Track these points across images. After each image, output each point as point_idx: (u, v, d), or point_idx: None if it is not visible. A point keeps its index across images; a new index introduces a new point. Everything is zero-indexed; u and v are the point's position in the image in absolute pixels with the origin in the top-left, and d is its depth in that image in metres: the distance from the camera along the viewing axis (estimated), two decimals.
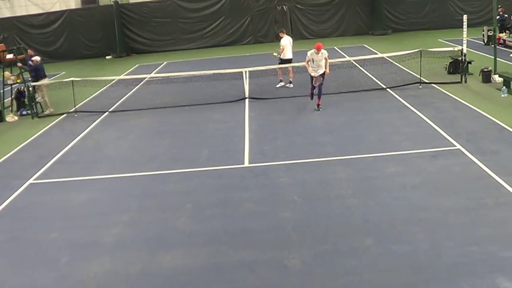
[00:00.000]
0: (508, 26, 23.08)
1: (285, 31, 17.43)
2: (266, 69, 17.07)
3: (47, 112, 16.32)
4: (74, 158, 11.75)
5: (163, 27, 30.47)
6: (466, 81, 15.71)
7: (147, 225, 8.05)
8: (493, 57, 16.17)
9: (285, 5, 30.54)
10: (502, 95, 14.00)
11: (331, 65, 14.78)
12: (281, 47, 16.71)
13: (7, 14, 30.44)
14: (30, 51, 18.65)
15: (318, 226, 7.55)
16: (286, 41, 16.80)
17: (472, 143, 10.39)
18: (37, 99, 16.39)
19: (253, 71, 17.32)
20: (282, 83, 17.19)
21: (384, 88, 15.85)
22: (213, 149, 11.51)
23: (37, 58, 16.75)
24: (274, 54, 17.21)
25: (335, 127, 12.43)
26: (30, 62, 16.71)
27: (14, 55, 16.80)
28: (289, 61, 16.73)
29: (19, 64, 16.57)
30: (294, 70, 17.02)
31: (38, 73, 16.45)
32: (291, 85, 16.97)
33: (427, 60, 16.44)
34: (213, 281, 6.40)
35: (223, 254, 7.00)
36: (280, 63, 16.81)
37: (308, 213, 7.98)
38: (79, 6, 30.96)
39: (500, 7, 23.96)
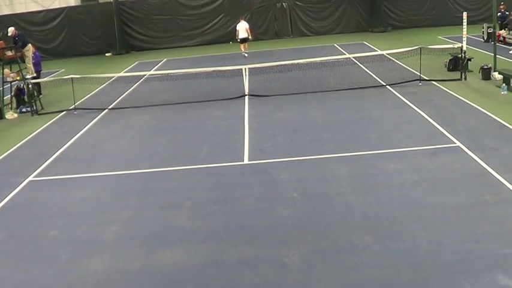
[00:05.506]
0: (505, 23, 23.03)
1: (243, 18, 25.50)
2: (266, 67, 17.08)
3: (29, 76, 16.83)
4: (74, 155, 11.74)
5: (163, 24, 30.44)
6: (465, 79, 15.70)
7: (146, 222, 8.05)
8: (492, 54, 16.16)
9: (285, 2, 30.52)
10: (502, 92, 14.00)
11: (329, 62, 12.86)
12: (237, 31, 24.20)
13: (7, 11, 30.41)
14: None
15: (317, 223, 7.55)
16: (238, 26, 24.07)
17: (472, 140, 10.38)
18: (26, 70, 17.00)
19: (253, 68, 17.34)
20: (244, 54, 23.66)
21: (383, 85, 15.85)
22: (212, 146, 11.51)
23: (11, 28, 17.22)
24: (230, 42, 26.07)
25: (335, 124, 12.43)
26: (16, 39, 17.09)
27: (14, 52, 16.79)
28: (244, 40, 23.83)
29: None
30: (294, 68, 17.86)
31: (23, 41, 17.13)
32: (246, 55, 23.57)
33: (427, 58, 16.44)
34: (212, 278, 6.40)
35: (223, 251, 7.00)
36: (240, 43, 24.18)
37: (308, 211, 7.98)
38: (79, 3, 30.95)
39: (502, 4, 23.97)
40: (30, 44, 17.64)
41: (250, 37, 24.04)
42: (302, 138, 11.49)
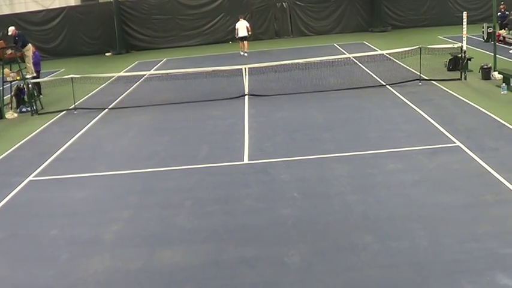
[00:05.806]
0: (505, 22, 23.03)
1: (242, 16, 25.63)
2: (266, 66, 17.08)
3: (29, 76, 16.85)
4: (74, 155, 11.74)
5: (163, 24, 30.46)
6: (465, 78, 15.70)
7: (147, 222, 8.05)
8: (492, 54, 16.17)
9: (285, 2, 30.52)
10: (502, 92, 14.00)
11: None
12: (236, 29, 24.39)
13: (7, 11, 30.42)
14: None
15: (317, 223, 7.55)
16: (238, 24, 24.27)
17: (472, 140, 10.38)
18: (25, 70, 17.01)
19: (253, 67, 17.34)
20: (243, 53, 24.08)
21: (383, 85, 15.85)
22: (212, 145, 11.51)
23: (11, 28, 17.18)
24: (230, 42, 27.07)
25: (335, 124, 12.43)
26: (16, 38, 17.09)
27: (14, 51, 16.80)
28: (244, 38, 24.07)
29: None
30: (293, 68, 17.89)
31: (23, 41, 17.17)
32: (246, 54, 23.85)
33: (427, 57, 16.44)
34: (212, 278, 6.40)
35: (223, 251, 7.00)
36: (239, 41, 24.59)
37: (308, 210, 7.98)
38: (78, 3, 30.97)
39: (502, 4, 23.97)
40: (30, 44, 17.65)
41: (250, 33, 24.13)
42: (302, 138, 11.49)
